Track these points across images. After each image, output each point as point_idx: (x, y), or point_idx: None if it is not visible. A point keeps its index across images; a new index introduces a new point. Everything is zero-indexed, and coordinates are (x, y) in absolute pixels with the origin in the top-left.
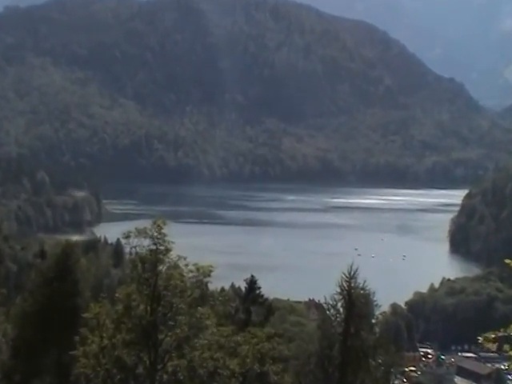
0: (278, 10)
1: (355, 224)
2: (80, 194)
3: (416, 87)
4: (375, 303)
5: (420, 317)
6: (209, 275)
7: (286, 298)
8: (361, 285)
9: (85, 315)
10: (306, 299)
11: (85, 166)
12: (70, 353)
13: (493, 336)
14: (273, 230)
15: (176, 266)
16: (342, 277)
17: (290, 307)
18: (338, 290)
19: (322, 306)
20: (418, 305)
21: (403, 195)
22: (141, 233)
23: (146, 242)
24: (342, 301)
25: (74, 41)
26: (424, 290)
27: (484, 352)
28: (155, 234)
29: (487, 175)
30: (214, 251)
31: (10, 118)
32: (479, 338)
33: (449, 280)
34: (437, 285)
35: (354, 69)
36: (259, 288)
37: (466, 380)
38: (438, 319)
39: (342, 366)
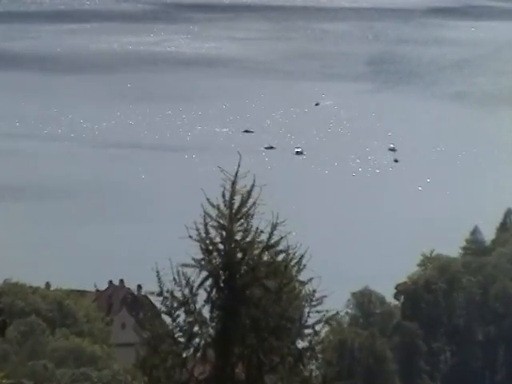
0: None
1: (238, 56)
2: None
3: None
4: (312, 288)
5: (437, 326)
6: None
7: (42, 284)
8: (275, 239)
9: None
10: (103, 286)
11: None
12: None
13: None
14: None
15: None
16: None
17: (58, 309)
18: (200, 256)
19: (151, 307)
20: (429, 292)
21: None
22: None
23: None
24: (212, 284)
25: None
26: (449, 249)
27: None
28: None
29: None
30: None
31: None
32: None
33: None
34: (489, 235)
35: None
36: None
37: None
38: (492, 334)
39: None
